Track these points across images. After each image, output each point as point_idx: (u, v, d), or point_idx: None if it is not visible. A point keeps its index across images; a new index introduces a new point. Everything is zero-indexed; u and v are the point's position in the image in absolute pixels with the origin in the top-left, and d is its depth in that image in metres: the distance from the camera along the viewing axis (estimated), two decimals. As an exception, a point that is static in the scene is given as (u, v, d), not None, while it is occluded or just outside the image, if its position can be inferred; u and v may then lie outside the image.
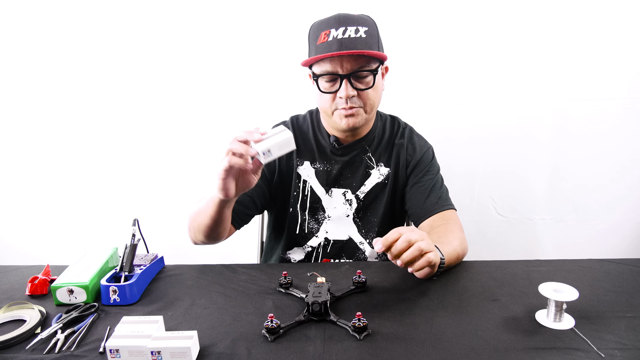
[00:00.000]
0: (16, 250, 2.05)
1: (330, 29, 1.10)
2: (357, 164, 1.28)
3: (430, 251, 0.92)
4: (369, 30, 1.12)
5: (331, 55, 1.08)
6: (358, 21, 1.11)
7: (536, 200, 1.94)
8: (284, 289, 1.01)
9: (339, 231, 1.30)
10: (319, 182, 1.28)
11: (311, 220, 1.30)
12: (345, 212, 1.29)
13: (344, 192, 1.28)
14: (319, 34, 1.12)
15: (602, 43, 1.73)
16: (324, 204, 1.29)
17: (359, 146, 1.27)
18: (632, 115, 1.79)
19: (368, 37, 1.11)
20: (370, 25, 1.13)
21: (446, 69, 1.80)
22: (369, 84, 1.14)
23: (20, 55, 1.83)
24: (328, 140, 1.27)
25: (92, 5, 1.77)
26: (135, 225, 1.07)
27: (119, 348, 0.77)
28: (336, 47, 1.09)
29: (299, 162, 1.29)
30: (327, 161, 1.28)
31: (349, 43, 1.09)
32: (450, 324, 0.87)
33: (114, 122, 1.91)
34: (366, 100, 1.16)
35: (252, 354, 0.80)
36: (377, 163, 1.28)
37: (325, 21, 1.13)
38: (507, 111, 1.83)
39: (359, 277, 1.01)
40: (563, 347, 0.79)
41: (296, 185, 1.29)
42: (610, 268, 1.08)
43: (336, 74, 1.12)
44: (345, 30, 1.09)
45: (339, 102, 1.15)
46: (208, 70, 1.84)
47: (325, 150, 1.28)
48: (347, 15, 1.12)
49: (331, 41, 1.10)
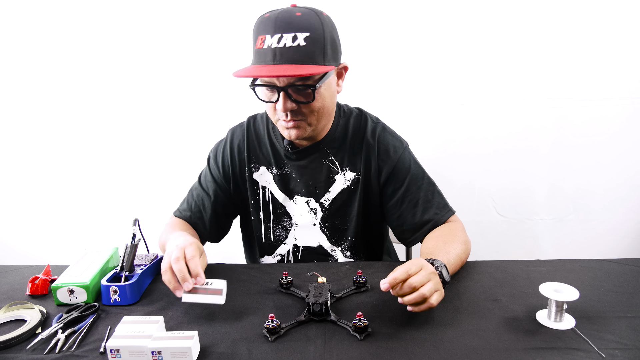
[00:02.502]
0: (16, 250, 2.04)
1: (266, 35, 0.97)
2: (317, 169, 1.17)
3: (433, 296, 0.85)
4: (310, 36, 0.96)
5: (259, 74, 0.97)
6: (298, 25, 0.96)
7: (536, 200, 1.93)
8: (284, 289, 1.01)
9: (308, 238, 1.22)
10: (279, 187, 1.20)
11: (277, 227, 1.23)
12: (311, 221, 1.20)
13: (307, 201, 1.19)
14: (257, 36, 1.00)
15: (602, 43, 1.72)
16: (289, 211, 1.21)
17: (316, 149, 1.16)
18: (633, 116, 1.79)
19: (309, 45, 0.96)
20: (314, 29, 0.97)
21: (446, 69, 1.79)
22: (308, 98, 1.01)
23: (20, 55, 1.83)
24: (282, 143, 1.17)
25: (92, 5, 1.77)
26: (135, 225, 1.07)
27: (119, 348, 0.77)
28: (270, 57, 0.97)
29: (255, 167, 1.21)
30: (283, 165, 1.19)
31: (284, 53, 0.96)
32: (451, 324, 0.87)
33: (114, 123, 1.91)
34: (308, 113, 1.04)
35: (252, 354, 0.80)
36: (341, 167, 1.16)
37: (265, 22, 0.99)
38: (507, 111, 1.83)
39: (360, 277, 1.01)
40: (564, 347, 0.79)
41: (254, 192, 1.21)
42: (610, 268, 1.08)
43: (273, 85, 1.01)
44: (281, 38, 0.95)
45: (280, 114, 1.04)
46: (208, 71, 1.84)
47: (281, 154, 1.19)
48: (287, 17, 0.97)
49: (266, 50, 0.97)
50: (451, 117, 1.85)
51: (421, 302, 0.85)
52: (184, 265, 0.89)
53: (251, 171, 1.21)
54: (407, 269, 0.84)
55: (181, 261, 0.90)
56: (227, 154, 1.23)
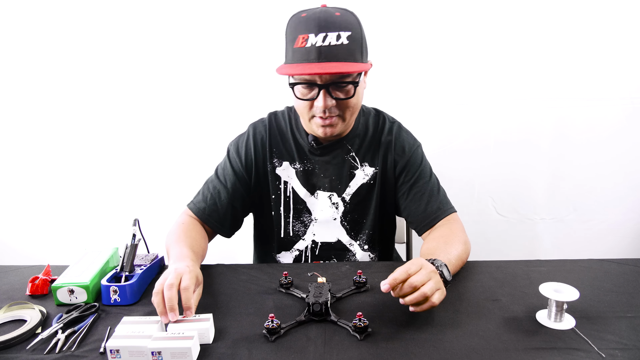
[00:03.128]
0: (16, 250, 2.04)
1: (309, 34, 0.99)
2: (339, 165, 1.21)
3: (434, 295, 0.86)
4: (352, 35, 1.01)
5: (309, 72, 1.00)
6: (340, 25, 1.00)
7: (536, 200, 1.94)
8: (284, 289, 1.01)
9: (327, 233, 1.25)
10: (301, 183, 1.22)
11: (297, 223, 1.25)
12: (332, 216, 1.23)
13: (330, 196, 1.22)
14: (296, 35, 1.02)
15: (602, 44, 1.72)
16: (309, 206, 1.23)
17: (339, 145, 1.20)
18: (633, 116, 1.79)
19: (351, 44, 1.01)
20: (353, 27, 1.02)
21: (446, 69, 1.79)
22: (349, 93, 1.05)
23: (20, 55, 1.83)
24: (306, 139, 1.20)
25: (92, 5, 1.77)
26: (135, 225, 1.07)
27: (119, 348, 0.77)
28: (315, 56, 0.99)
29: (278, 162, 1.22)
30: (307, 161, 1.21)
31: (329, 52, 0.99)
32: (451, 324, 0.87)
33: (114, 123, 1.90)
34: (345, 108, 1.08)
35: (252, 354, 0.80)
36: (361, 163, 1.21)
37: (304, 21, 1.01)
38: (507, 111, 1.83)
39: (360, 277, 1.01)
40: (564, 347, 0.79)
41: (276, 187, 1.22)
42: (610, 268, 1.08)
43: (314, 83, 1.03)
44: (326, 37, 0.99)
45: (317, 110, 1.07)
46: (207, 70, 1.83)
47: (304, 150, 1.21)
48: (329, 17, 1.00)
49: (309, 48, 1.00)
50: (451, 117, 1.85)
51: (423, 302, 0.85)
52: (176, 294, 0.85)
53: (274, 166, 1.22)
54: (406, 269, 0.85)
55: (174, 289, 0.85)
56: (251, 147, 1.22)
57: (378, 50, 1.75)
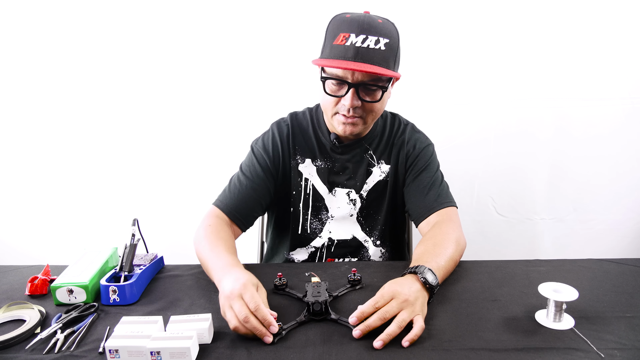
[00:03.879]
0: (16, 250, 2.04)
1: (351, 33, 1.04)
2: (358, 163, 1.26)
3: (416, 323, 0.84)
4: (389, 42, 1.06)
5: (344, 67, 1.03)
6: (381, 31, 1.05)
7: (536, 200, 1.94)
8: (278, 290, 1.01)
9: (342, 230, 1.28)
10: (321, 179, 1.26)
11: (314, 220, 1.28)
12: (349, 212, 1.27)
13: (348, 192, 1.26)
14: (337, 33, 1.06)
15: (602, 43, 1.73)
16: (327, 203, 1.27)
17: (359, 145, 1.25)
18: (632, 116, 1.79)
19: (387, 51, 1.06)
20: (392, 37, 1.07)
21: (446, 68, 1.79)
22: (375, 98, 1.10)
23: (20, 55, 1.83)
24: (328, 137, 1.25)
25: (92, 5, 1.77)
26: (135, 225, 1.07)
27: (118, 348, 0.77)
28: (352, 54, 1.04)
29: (301, 159, 1.26)
30: (328, 158, 1.26)
31: (366, 54, 1.04)
32: (450, 324, 0.87)
33: (114, 123, 1.90)
34: (369, 111, 1.12)
35: (252, 354, 0.80)
36: (378, 161, 1.26)
37: (348, 22, 1.06)
38: (507, 111, 1.83)
39: (354, 275, 1.02)
40: (563, 347, 0.79)
41: (297, 183, 1.26)
42: (610, 268, 1.08)
43: (345, 80, 1.07)
44: (366, 39, 1.03)
45: (341, 108, 1.11)
46: (207, 70, 1.83)
47: (326, 148, 1.26)
48: (372, 22, 1.06)
49: (348, 46, 1.04)
50: (451, 117, 1.85)
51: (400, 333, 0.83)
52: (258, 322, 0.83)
53: (297, 162, 1.26)
54: (374, 302, 0.85)
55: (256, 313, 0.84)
56: (277, 144, 1.25)
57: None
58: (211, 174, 1.42)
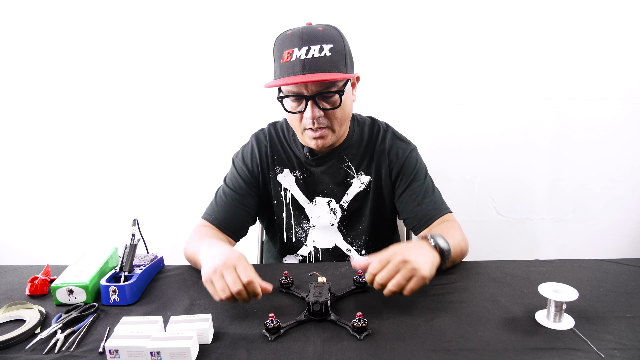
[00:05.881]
0: (16, 250, 2.05)
1: (293, 48, 1.04)
2: (335, 174, 1.24)
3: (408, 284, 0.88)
4: (334, 47, 1.05)
5: (293, 82, 1.03)
6: (323, 38, 1.05)
7: (536, 200, 1.94)
8: (284, 288, 1.01)
9: (325, 240, 1.28)
10: (300, 189, 1.26)
11: (298, 229, 1.29)
12: (330, 222, 1.27)
13: (328, 202, 1.26)
14: (282, 51, 1.06)
15: (602, 43, 1.73)
16: (308, 213, 1.27)
17: (334, 155, 1.23)
18: (632, 116, 1.79)
19: (333, 55, 1.05)
20: (336, 40, 1.06)
21: (447, 69, 1.79)
22: (335, 104, 1.09)
23: (20, 56, 1.83)
24: (302, 150, 1.23)
25: (92, 5, 1.77)
26: (135, 226, 1.07)
27: (118, 348, 0.77)
28: (299, 68, 1.03)
29: (279, 170, 1.26)
30: (305, 169, 1.25)
31: (312, 63, 1.03)
32: (450, 324, 0.87)
33: (114, 123, 1.91)
34: (334, 118, 1.11)
35: (252, 354, 0.80)
36: (357, 172, 1.24)
37: (289, 38, 1.06)
38: (507, 111, 1.83)
39: (360, 277, 1.01)
40: (563, 347, 0.79)
41: (278, 193, 1.27)
42: (610, 268, 1.08)
43: (301, 95, 1.07)
44: (309, 49, 1.03)
45: (307, 122, 1.10)
46: (207, 71, 1.84)
47: (301, 160, 1.25)
48: (311, 32, 1.05)
49: (294, 62, 1.04)
50: (451, 117, 1.85)
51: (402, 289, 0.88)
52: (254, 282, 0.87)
53: (275, 172, 1.26)
54: (371, 270, 0.89)
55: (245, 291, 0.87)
56: (256, 155, 1.26)
57: (377, 50, 1.76)
58: (211, 174, 1.42)
